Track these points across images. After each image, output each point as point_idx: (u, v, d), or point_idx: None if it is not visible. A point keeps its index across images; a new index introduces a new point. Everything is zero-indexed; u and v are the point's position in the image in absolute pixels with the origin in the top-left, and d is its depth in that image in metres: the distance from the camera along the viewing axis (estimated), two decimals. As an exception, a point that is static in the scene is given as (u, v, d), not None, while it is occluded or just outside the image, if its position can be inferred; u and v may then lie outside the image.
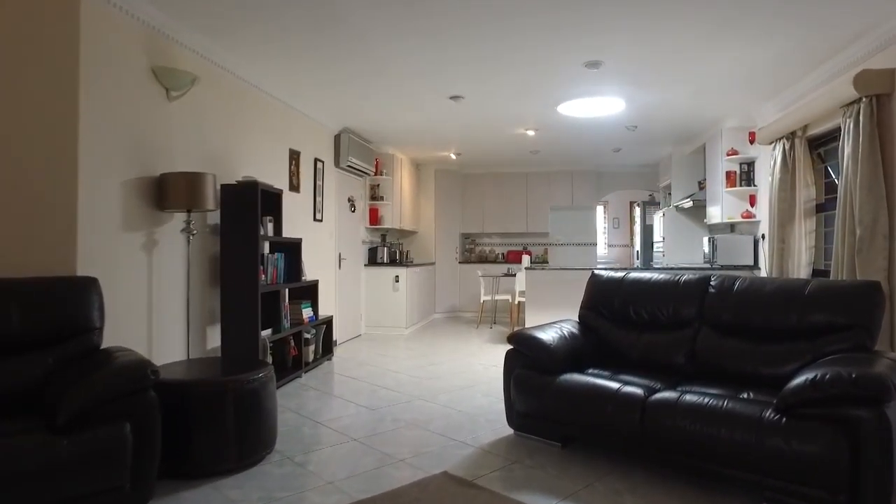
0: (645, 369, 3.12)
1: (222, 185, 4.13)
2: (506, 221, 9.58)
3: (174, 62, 3.66)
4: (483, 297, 8.07)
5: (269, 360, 4.53)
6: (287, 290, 5.08)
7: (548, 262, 9.43)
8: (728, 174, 6.00)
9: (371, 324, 7.55)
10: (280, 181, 5.18)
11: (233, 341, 4.09)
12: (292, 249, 4.88)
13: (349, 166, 6.66)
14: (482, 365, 5.40)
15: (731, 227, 6.65)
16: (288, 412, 3.81)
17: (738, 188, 5.95)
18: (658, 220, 7.94)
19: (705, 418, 2.35)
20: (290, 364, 4.81)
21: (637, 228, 9.62)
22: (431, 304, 9.04)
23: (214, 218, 4.15)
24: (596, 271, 3.74)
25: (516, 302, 7.78)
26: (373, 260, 7.70)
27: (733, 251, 5.99)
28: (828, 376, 2.08)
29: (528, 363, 3.18)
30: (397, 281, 7.46)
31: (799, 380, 2.18)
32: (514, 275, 7.95)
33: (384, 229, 7.97)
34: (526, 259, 8.04)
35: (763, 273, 5.70)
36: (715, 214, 6.35)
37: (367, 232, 7.72)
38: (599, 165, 9.30)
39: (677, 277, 3.30)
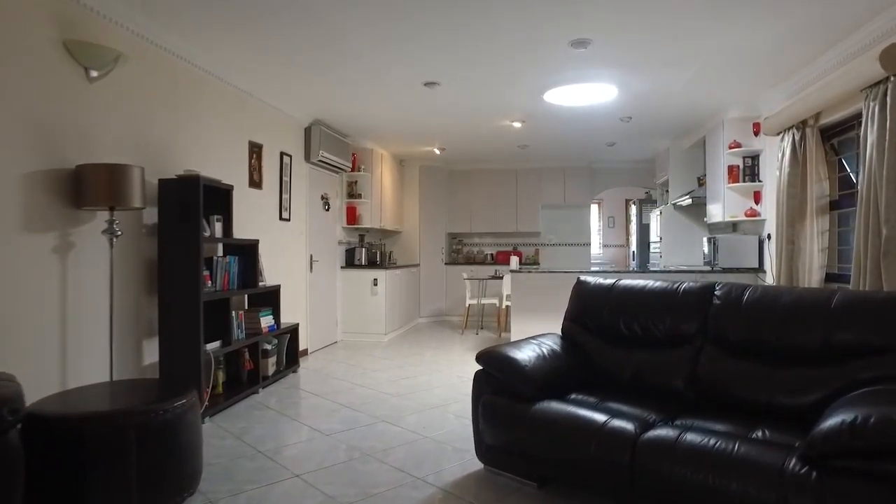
0: (638, 394, 2.64)
1: (160, 181, 3.64)
2: (495, 220, 9.10)
3: (94, 36, 3.17)
4: (468, 301, 7.59)
5: (221, 376, 4.05)
6: (243, 296, 4.59)
7: (539, 264, 8.95)
8: (730, 169, 5.53)
9: (348, 330, 7.06)
10: (237, 176, 4.69)
11: (172, 357, 3.60)
12: (248, 252, 4.39)
13: (322, 161, 6.17)
14: (460, 378, 4.92)
15: (734, 227, 6.18)
16: (229, 438, 3.33)
17: (741, 184, 5.47)
18: (655, 219, 7.47)
19: (711, 466, 1.87)
20: (245, 379, 4.33)
21: (633, 228, 9.15)
22: (415, 307, 8.56)
23: (154, 217, 3.66)
24: (582, 278, 3.26)
25: (504, 306, 7.30)
26: (350, 262, 7.21)
27: (736, 252, 5.51)
28: (872, 420, 1.60)
29: (499, 388, 2.70)
30: (375, 284, 6.97)
31: (832, 422, 1.70)
32: (502, 277, 7.47)
33: (363, 229, 7.48)
34: (514, 260, 7.56)
35: (769, 277, 5.23)
36: (716, 213, 5.87)
37: (345, 232, 7.23)
38: (593, 161, 8.82)
39: (676, 286, 2.82)
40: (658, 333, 2.78)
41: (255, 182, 4.99)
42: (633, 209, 9.20)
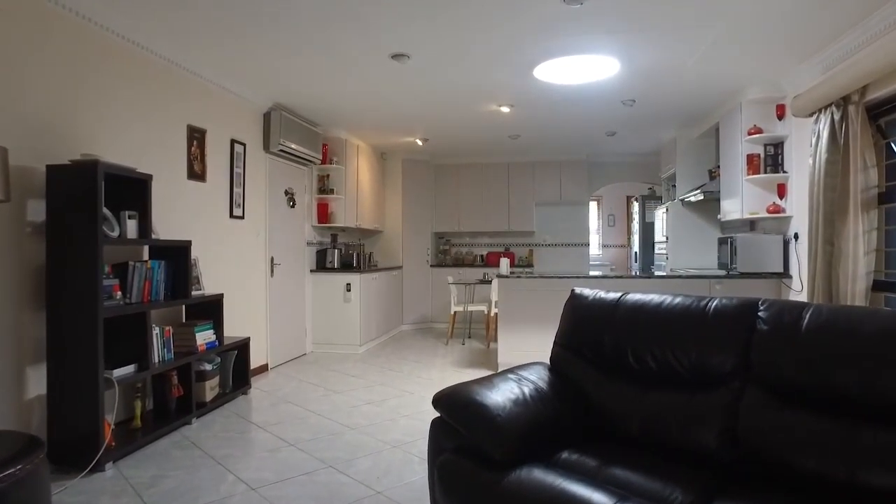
0: (653, 455, 1.92)
1: (49, 167, 2.90)
2: (485, 219, 8.37)
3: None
4: (454, 308, 6.86)
5: (140, 407, 3.32)
6: (178, 308, 3.86)
7: (533, 266, 8.23)
8: (750, 159, 4.80)
9: (319, 340, 6.33)
10: (171, 166, 3.95)
11: (64, 387, 2.87)
12: (179, 256, 3.65)
13: (285, 152, 5.44)
14: (437, 403, 4.18)
15: (751, 225, 5.46)
16: (126, 497, 2.59)
17: (762, 175, 4.75)
18: (660, 217, 6.75)
19: None
20: (174, 409, 3.59)
21: (635, 226, 8.42)
22: (397, 314, 7.83)
23: (42, 213, 2.93)
24: (577, 290, 2.53)
25: (493, 313, 6.57)
26: (321, 264, 6.47)
27: (756, 254, 4.79)
28: None
29: (463, 446, 1.97)
30: (348, 290, 6.24)
31: None
32: (491, 281, 6.75)
33: (336, 228, 6.75)
34: (504, 263, 6.82)
35: (796, 283, 4.51)
36: (732, 209, 5.15)
37: (315, 231, 6.50)
38: (592, 154, 8.09)
39: (704, 305, 2.09)
40: (680, 369, 2.05)
41: (197, 173, 4.26)
42: (636, 206, 8.47)
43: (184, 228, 4.06)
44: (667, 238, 6.49)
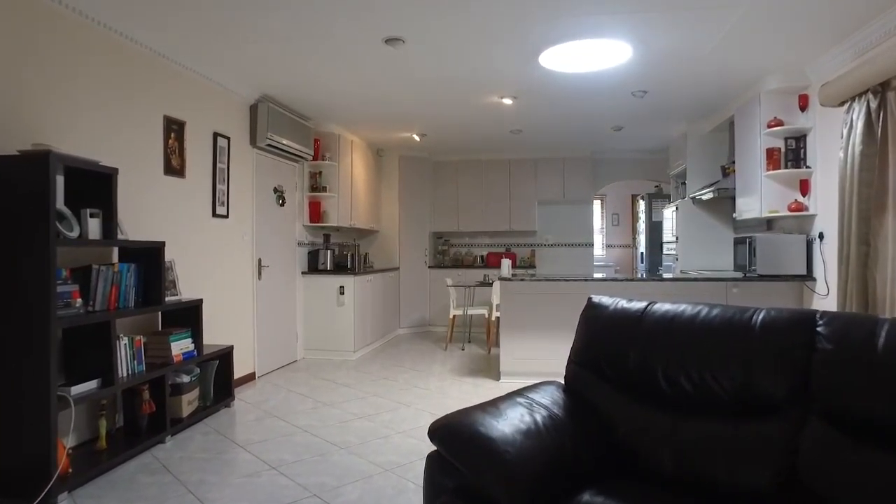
0: (691, 497, 1.60)
1: (-4, 158, 2.58)
2: (485, 218, 8.05)
3: None
4: (453, 311, 6.53)
5: (105, 426, 3.00)
6: (152, 316, 3.53)
7: (535, 267, 7.91)
8: (770, 153, 4.49)
9: (311, 346, 6.00)
10: (146, 160, 3.63)
11: (10, 408, 2.54)
12: (150, 258, 3.33)
13: (272, 146, 5.11)
14: (433, 417, 3.86)
15: (768, 224, 5.15)
16: (78, 535, 2.27)
17: (783, 171, 4.43)
18: (670, 216, 6.43)
19: None
20: (145, 427, 3.27)
21: (641, 226, 8.12)
22: (394, 317, 7.51)
23: (-12, 210, 2.60)
24: (595, 299, 2.20)
25: (494, 317, 6.25)
26: (313, 266, 6.15)
27: (777, 255, 4.47)
28: None
29: (465, 486, 1.65)
30: (342, 293, 5.92)
31: None
32: (492, 283, 6.43)
33: (329, 228, 6.42)
34: (505, 264, 6.50)
35: (821, 286, 4.20)
36: (749, 207, 4.83)
37: (307, 231, 6.17)
38: (596, 151, 7.78)
39: (749, 317, 1.77)
40: (721, 392, 1.73)
41: (175, 168, 3.93)
42: (642, 205, 8.17)
43: (159, 228, 3.73)
44: (676, 238, 6.17)
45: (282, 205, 5.55)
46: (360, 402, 4.26)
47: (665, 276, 5.95)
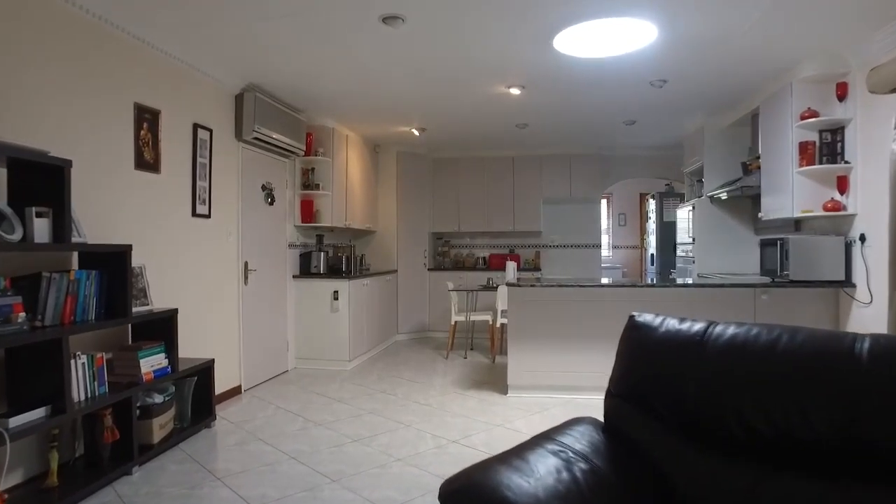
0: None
1: (-78, 147, 2.17)
2: (488, 218, 7.65)
3: None
4: (454, 318, 6.14)
5: (56, 459, 2.59)
6: (123, 329, 3.13)
7: (540, 269, 7.53)
8: (803, 148, 4.10)
9: (303, 355, 5.60)
10: (113, 153, 3.22)
11: (-59, 443, 2.14)
12: (115, 264, 2.92)
13: (260, 140, 4.71)
14: (435, 439, 3.47)
15: (796, 225, 4.77)
16: None
17: (818, 167, 4.05)
18: (685, 216, 6.05)
19: None
20: (108, 457, 2.86)
21: (651, 226, 7.74)
22: (392, 322, 7.11)
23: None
24: (639, 319, 1.80)
25: (499, 323, 5.86)
26: (305, 269, 5.75)
27: (809, 259, 4.08)
28: None
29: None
30: (336, 298, 5.51)
31: None
32: (496, 287, 6.04)
33: (322, 228, 6.02)
34: (510, 267, 6.13)
35: (863, 294, 3.81)
36: (777, 206, 4.45)
37: (299, 232, 5.77)
38: (604, 147, 7.39)
39: (850, 344, 1.37)
40: (817, 441, 1.34)
41: (148, 162, 3.52)
42: (651, 204, 7.80)
43: (129, 230, 3.33)
44: (693, 239, 5.80)
45: (271, 203, 5.15)
46: (355, 421, 3.86)
47: (689, 281, 5.59)
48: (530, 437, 1.61)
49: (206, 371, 3.67)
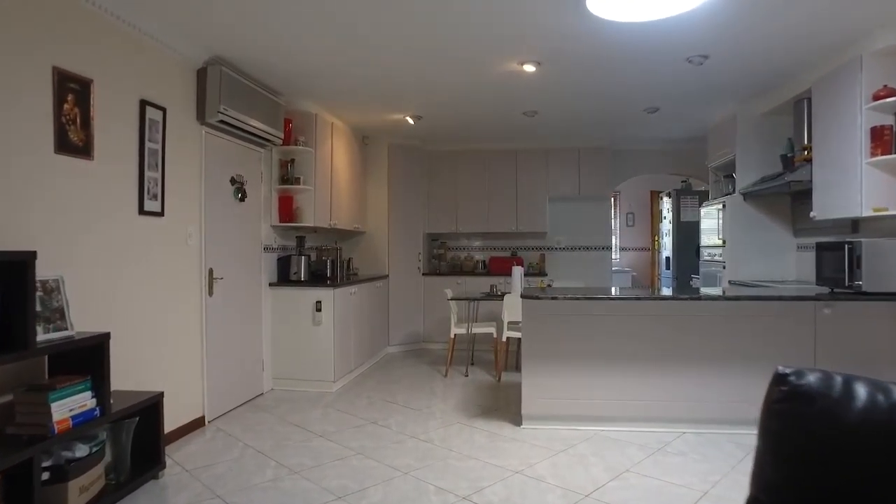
0: None
1: None
2: (488, 217, 6.95)
3: None
4: (454, 330, 5.43)
5: None
6: (19, 364, 2.37)
7: (546, 274, 6.84)
8: (877, 133, 3.45)
9: (282, 375, 4.86)
10: (23, 132, 2.47)
11: None
12: (11, 276, 2.17)
13: (228, 125, 3.97)
14: (440, 494, 2.75)
15: (854, 226, 4.13)
16: None
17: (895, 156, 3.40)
18: (715, 215, 5.39)
19: None
20: (2, 539, 2.11)
21: (666, 226, 7.09)
22: (383, 333, 6.38)
23: None
24: (798, 381, 1.10)
25: (505, 337, 5.16)
26: (283, 276, 5.00)
27: (880, 267, 3.43)
28: None
29: None
30: (319, 310, 4.78)
31: None
32: (502, 295, 5.35)
33: (304, 229, 5.28)
34: (517, 272, 5.44)
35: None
36: (837, 204, 3.80)
37: (277, 233, 5.02)
38: (617, 140, 6.72)
39: None
40: None
41: (74, 145, 2.77)
42: (666, 203, 7.15)
43: (44, 231, 2.58)
44: (724, 241, 5.14)
45: (242, 200, 4.40)
46: (340, 466, 3.13)
47: (720, 290, 4.95)
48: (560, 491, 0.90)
49: (152, 408, 2.93)
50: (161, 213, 3.42)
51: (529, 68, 4.06)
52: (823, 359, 3.53)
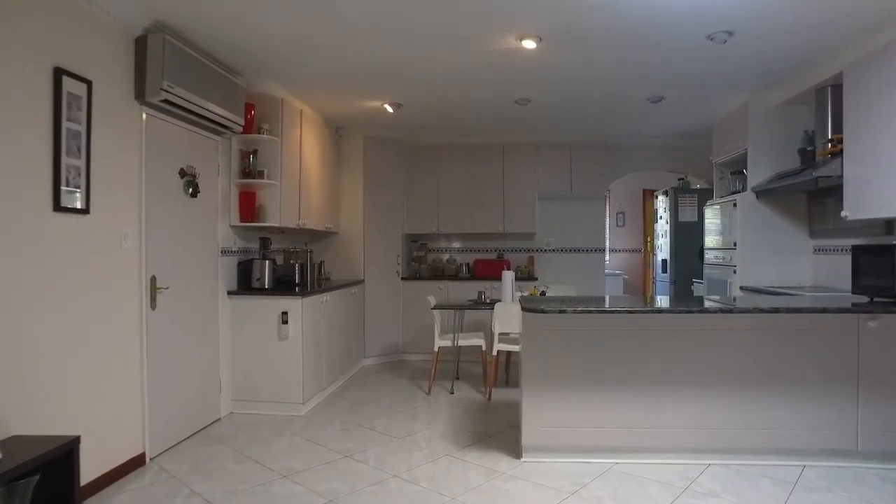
0: None
1: None
2: (472, 217, 6.42)
3: None
4: (438, 342, 4.88)
5: None
6: None
7: (536, 278, 6.33)
8: (930, 120, 3.01)
9: (243, 396, 4.24)
10: None
11: None
12: None
13: (175, 105, 3.34)
14: (439, 568, 2.19)
15: (888, 226, 3.71)
16: None
17: (951, 147, 2.97)
18: (728, 214, 4.94)
19: None
20: None
21: (662, 227, 6.66)
22: (358, 345, 5.80)
23: None
24: None
25: (495, 351, 4.62)
26: (245, 284, 4.38)
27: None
28: None
29: None
30: (286, 322, 4.17)
31: None
32: (492, 303, 4.82)
33: (269, 229, 4.66)
34: (508, 277, 4.92)
35: None
36: (875, 202, 3.36)
37: (236, 234, 4.40)
38: (613, 135, 6.26)
39: None
40: None
41: (-41, 120, 2.13)
42: (662, 202, 6.72)
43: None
44: (735, 244, 4.69)
45: (193, 195, 3.77)
46: (307, 521, 2.55)
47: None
48: None
49: (63, 458, 2.30)
50: (86, 210, 2.79)
51: (529, 44, 3.52)
52: (869, 379, 3.08)
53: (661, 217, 6.74)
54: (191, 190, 3.73)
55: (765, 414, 3.14)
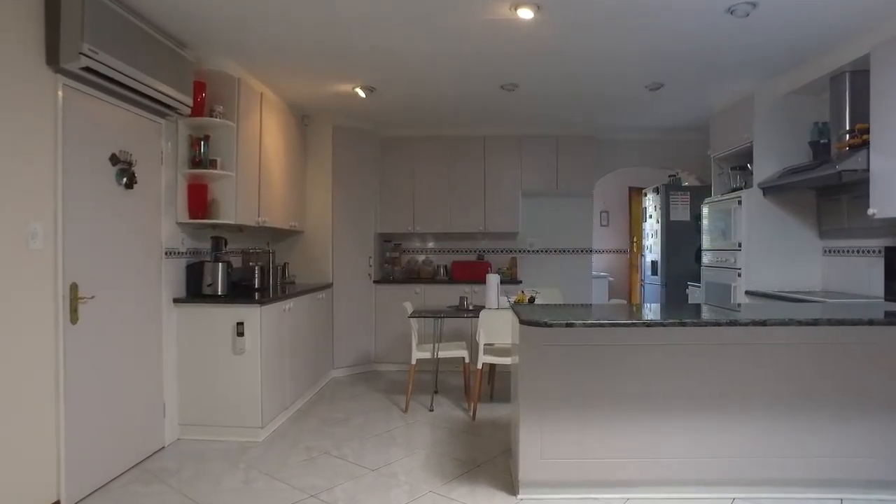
0: None
1: None
2: (450, 215, 5.93)
3: None
4: (416, 354, 4.37)
5: None
6: None
7: (520, 281, 5.88)
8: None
9: (192, 420, 3.66)
10: None
11: None
12: None
13: (101, 76, 2.76)
14: None
15: (914, 226, 3.36)
16: None
17: None
18: (722, 213, 4.57)
19: None
20: None
21: (652, 227, 6.29)
22: (326, 355, 5.25)
23: None
24: None
25: (480, 364, 4.14)
26: (195, 290, 3.79)
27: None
28: None
29: None
30: (241, 334, 3.60)
31: None
32: (476, 311, 4.33)
33: (223, 227, 4.08)
34: (493, 281, 4.45)
35: None
36: (912, 198, 3.00)
37: (184, 232, 3.80)
38: (602, 128, 5.85)
39: None
40: None
41: None
42: (650, 200, 6.35)
43: None
44: (739, 245, 4.32)
45: (129, 186, 3.17)
46: None
47: (740, 301, 4.14)
48: None
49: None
50: (-25, 201, 2.19)
51: (525, 14, 3.04)
52: (914, 400, 2.71)
53: (650, 216, 6.37)
54: (125, 180, 3.14)
55: (797, 440, 2.74)
